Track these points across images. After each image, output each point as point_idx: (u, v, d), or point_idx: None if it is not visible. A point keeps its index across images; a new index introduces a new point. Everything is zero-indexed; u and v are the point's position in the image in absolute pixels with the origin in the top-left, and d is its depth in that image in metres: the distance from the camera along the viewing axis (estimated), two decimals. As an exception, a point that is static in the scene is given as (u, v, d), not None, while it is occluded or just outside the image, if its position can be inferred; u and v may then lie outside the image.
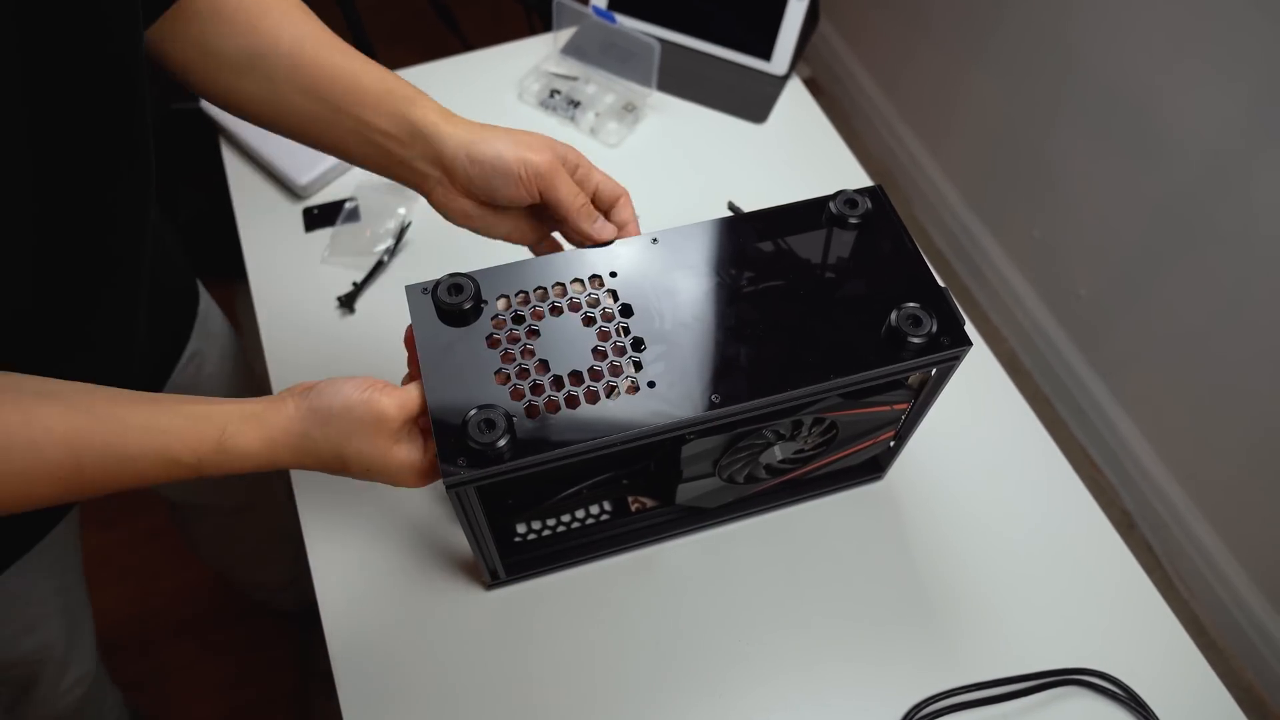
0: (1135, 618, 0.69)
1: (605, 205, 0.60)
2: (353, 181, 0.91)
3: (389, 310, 0.82)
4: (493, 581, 0.66)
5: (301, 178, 0.88)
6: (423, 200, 0.89)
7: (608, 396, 0.51)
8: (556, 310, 0.54)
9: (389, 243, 0.85)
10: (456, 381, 0.51)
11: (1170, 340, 1.37)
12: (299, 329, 0.81)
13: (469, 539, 0.58)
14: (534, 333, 0.54)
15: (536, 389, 0.51)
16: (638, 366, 0.53)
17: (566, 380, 0.52)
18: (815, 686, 0.64)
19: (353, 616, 0.66)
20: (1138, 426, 1.49)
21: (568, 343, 0.53)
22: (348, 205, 0.88)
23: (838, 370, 0.53)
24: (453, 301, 0.53)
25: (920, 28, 1.73)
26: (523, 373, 0.52)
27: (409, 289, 0.55)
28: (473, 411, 0.49)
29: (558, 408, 0.51)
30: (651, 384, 0.52)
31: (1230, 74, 1.15)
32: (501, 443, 0.48)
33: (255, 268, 0.85)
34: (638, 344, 0.53)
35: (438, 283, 0.54)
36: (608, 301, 0.55)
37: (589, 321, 0.54)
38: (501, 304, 0.55)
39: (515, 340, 0.53)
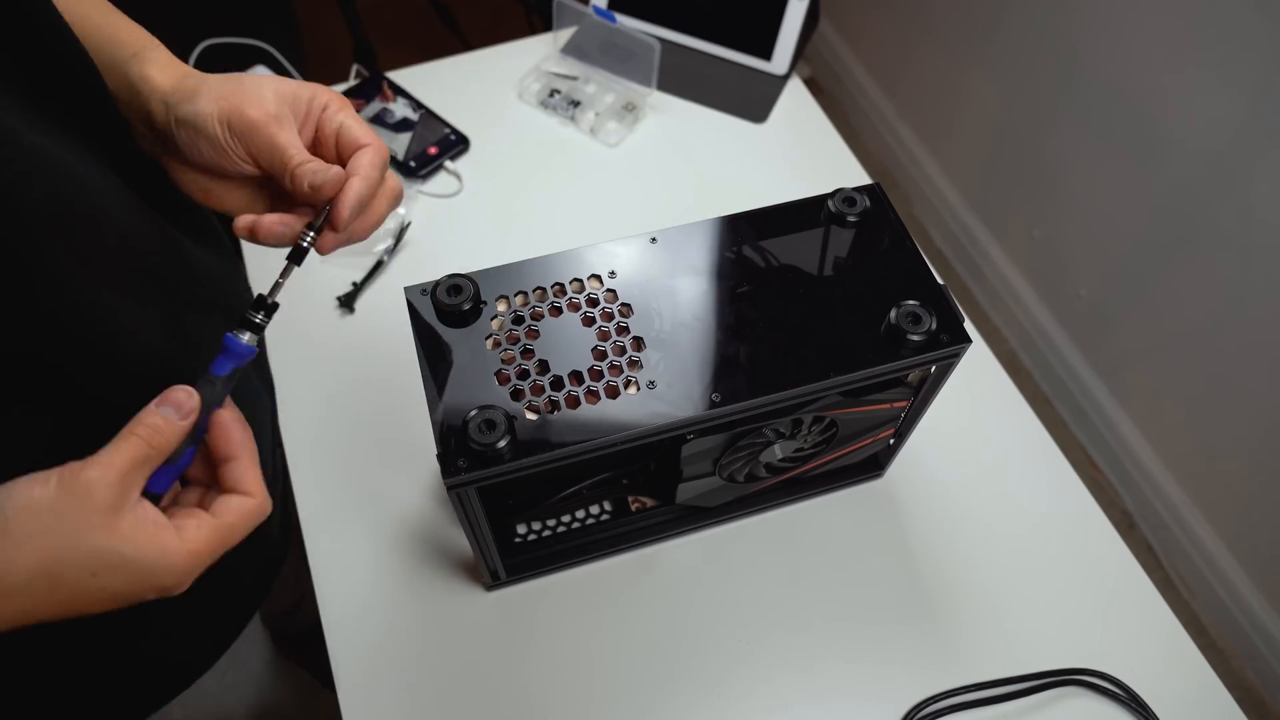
0: (1135, 618, 0.69)
1: (345, 153, 0.46)
2: (352, 181, 0.91)
3: (388, 310, 0.82)
4: (494, 582, 0.66)
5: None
6: (423, 200, 0.90)
7: (609, 396, 0.51)
8: (556, 310, 0.54)
9: (388, 243, 0.85)
10: (457, 382, 0.51)
11: (1170, 340, 1.37)
12: (299, 329, 0.81)
13: (469, 540, 0.58)
14: (534, 333, 0.54)
15: (537, 389, 0.51)
16: (638, 366, 0.53)
17: (567, 380, 0.52)
18: (815, 686, 0.64)
19: (353, 617, 0.66)
20: (1138, 426, 1.49)
21: (568, 343, 0.53)
22: (347, 205, 0.88)
23: (837, 368, 0.53)
24: (452, 302, 0.53)
25: (920, 28, 1.73)
26: (523, 373, 0.52)
27: (408, 290, 0.55)
28: (473, 412, 0.49)
29: (558, 408, 0.51)
30: (652, 384, 0.52)
31: (1231, 74, 1.15)
32: (502, 443, 0.48)
33: (254, 268, 0.84)
34: (638, 344, 0.53)
35: (437, 283, 0.54)
36: (608, 301, 0.55)
37: (589, 321, 0.54)
38: (501, 305, 0.55)
39: (515, 341, 0.53)
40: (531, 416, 0.50)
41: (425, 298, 0.55)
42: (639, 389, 0.52)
